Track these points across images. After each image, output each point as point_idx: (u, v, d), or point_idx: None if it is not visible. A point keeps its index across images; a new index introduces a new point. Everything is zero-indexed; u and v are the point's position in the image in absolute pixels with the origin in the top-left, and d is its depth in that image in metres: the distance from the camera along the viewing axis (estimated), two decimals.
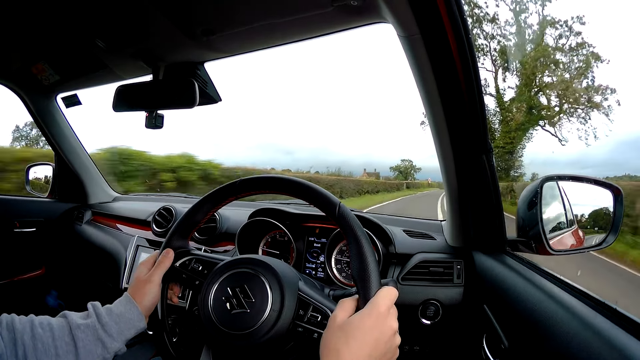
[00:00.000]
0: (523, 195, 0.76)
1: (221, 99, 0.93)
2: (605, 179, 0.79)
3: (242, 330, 0.52)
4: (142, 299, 0.60)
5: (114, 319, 0.57)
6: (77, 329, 0.54)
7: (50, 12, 0.77)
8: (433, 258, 0.88)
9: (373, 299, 0.48)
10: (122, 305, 0.59)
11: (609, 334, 0.43)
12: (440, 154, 0.74)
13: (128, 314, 0.58)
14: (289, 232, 1.00)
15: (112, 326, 0.56)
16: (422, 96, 0.65)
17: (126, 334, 0.57)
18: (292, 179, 0.61)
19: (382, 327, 0.46)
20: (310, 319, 0.54)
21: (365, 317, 0.46)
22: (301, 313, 0.54)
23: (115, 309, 0.59)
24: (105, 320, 0.56)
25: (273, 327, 0.52)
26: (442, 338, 0.87)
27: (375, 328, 0.45)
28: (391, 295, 0.49)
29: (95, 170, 1.60)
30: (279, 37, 0.75)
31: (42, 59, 1.04)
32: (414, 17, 0.53)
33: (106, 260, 1.31)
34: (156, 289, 0.62)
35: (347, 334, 0.45)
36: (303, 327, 0.53)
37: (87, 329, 0.54)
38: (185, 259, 0.64)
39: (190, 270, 0.63)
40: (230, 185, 0.64)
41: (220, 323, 0.54)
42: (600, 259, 6.04)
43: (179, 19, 0.71)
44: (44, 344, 0.51)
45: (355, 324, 0.45)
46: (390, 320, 0.47)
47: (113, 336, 0.55)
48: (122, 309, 0.59)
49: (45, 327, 0.53)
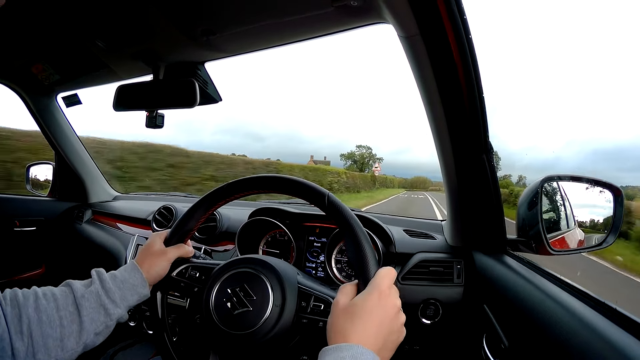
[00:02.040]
0: (523, 195, 0.76)
1: (221, 99, 0.93)
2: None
3: (246, 330, 0.52)
4: (149, 268, 0.60)
5: (117, 284, 0.57)
6: (82, 297, 0.54)
7: (50, 12, 0.77)
8: (433, 258, 0.88)
9: (373, 280, 0.48)
10: (126, 272, 0.59)
11: (609, 334, 0.43)
12: (440, 154, 0.74)
13: (131, 280, 0.58)
14: (289, 232, 1.00)
15: (115, 291, 0.56)
16: (422, 96, 0.65)
17: (129, 300, 0.57)
18: (278, 175, 0.61)
19: (385, 305, 0.46)
20: (313, 309, 0.54)
21: (367, 297, 0.46)
22: (303, 305, 0.55)
23: (119, 274, 0.59)
24: (109, 286, 0.56)
25: (277, 322, 0.52)
26: (442, 338, 0.87)
27: (378, 307, 0.46)
28: (390, 275, 0.49)
29: (96, 169, 1.60)
30: (279, 37, 0.75)
31: (43, 59, 1.04)
32: (414, 17, 0.53)
33: (106, 259, 1.31)
34: (166, 263, 0.62)
35: (351, 315, 0.45)
36: (307, 318, 0.54)
37: (91, 295, 0.54)
38: (181, 267, 0.64)
39: (188, 277, 0.63)
40: (218, 190, 0.64)
41: (224, 325, 0.53)
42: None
43: (179, 19, 0.71)
44: (48, 315, 0.51)
45: (358, 305, 0.46)
46: (392, 298, 0.47)
47: (116, 302, 0.55)
48: (126, 275, 0.59)
49: (49, 297, 0.53)
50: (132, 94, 0.91)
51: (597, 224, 0.75)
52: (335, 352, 0.42)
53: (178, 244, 0.64)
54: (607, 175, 35.60)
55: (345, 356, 0.40)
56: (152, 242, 0.64)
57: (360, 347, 0.41)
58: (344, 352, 0.41)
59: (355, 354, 0.41)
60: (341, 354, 0.41)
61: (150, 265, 0.61)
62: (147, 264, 0.61)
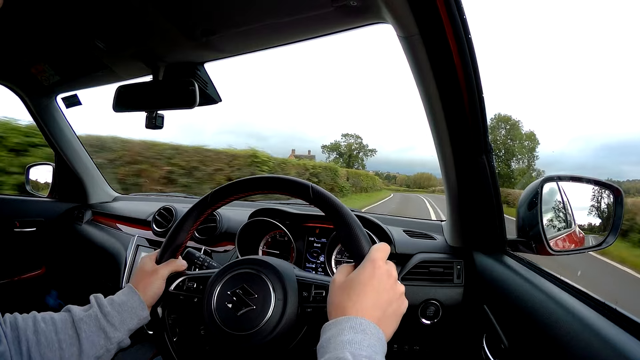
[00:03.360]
0: (523, 195, 0.76)
1: (221, 99, 0.93)
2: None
3: (253, 329, 0.52)
4: (145, 289, 0.60)
5: (115, 308, 0.57)
6: (80, 321, 0.54)
7: (50, 13, 0.77)
8: (433, 258, 0.88)
9: (367, 255, 0.49)
10: (123, 295, 0.59)
11: (609, 334, 0.43)
12: (440, 154, 0.74)
13: (130, 303, 0.58)
14: (289, 232, 1.00)
15: (114, 315, 0.56)
16: (422, 96, 0.65)
17: (129, 324, 0.57)
18: (259, 176, 0.61)
19: (381, 276, 0.47)
20: (315, 297, 0.54)
21: (362, 271, 0.47)
22: (305, 295, 0.55)
23: (117, 298, 0.59)
24: (107, 310, 0.56)
25: (282, 316, 0.53)
26: (442, 338, 0.87)
27: (373, 278, 0.46)
28: (384, 249, 0.50)
29: (96, 170, 1.60)
30: (278, 38, 0.75)
31: (42, 60, 1.04)
32: (414, 17, 0.53)
33: (106, 260, 1.31)
34: (161, 281, 0.62)
35: (348, 290, 0.46)
36: (311, 307, 0.54)
37: (90, 319, 0.54)
38: (177, 281, 0.64)
39: (186, 290, 0.62)
40: (202, 201, 0.64)
41: (230, 328, 0.53)
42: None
43: (179, 19, 0.71)
44: (47, 338, 0.51)
45: (354, 279, 0.47)
46: (388, 270, 0.48)
47: (115, 325, 0.55)
48: (123, 298, 0.59)
49: (48, 321, 0.53)
50: (132, 94, 0.91)
51: (596, 224, 0.75)
52: (334, 326, 0.42)
53: (169, 259, 0.64)
54: (611, 171, 35.54)
55: (345, 327, 0.41)
56: (143, 263, 0.64)
57: (358, 318, 0.42)
58: (343, 324, 0.42)
59: (354, 324, 0.41)
60: (340, 326, 0.42)
61: (145, 285, 0.61)
62: (142, 285, 0.61)
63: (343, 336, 0.40)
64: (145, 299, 0.60)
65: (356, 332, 0.41)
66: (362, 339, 0.40)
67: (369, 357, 0.38)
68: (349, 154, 39.36)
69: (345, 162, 38.98)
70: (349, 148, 42.08)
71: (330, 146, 41.06)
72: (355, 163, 40.04)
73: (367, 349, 0.39)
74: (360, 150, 40.90)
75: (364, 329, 0.41)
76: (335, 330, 0.41)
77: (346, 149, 41.72)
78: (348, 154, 39.43)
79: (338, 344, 0.39)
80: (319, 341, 0.42)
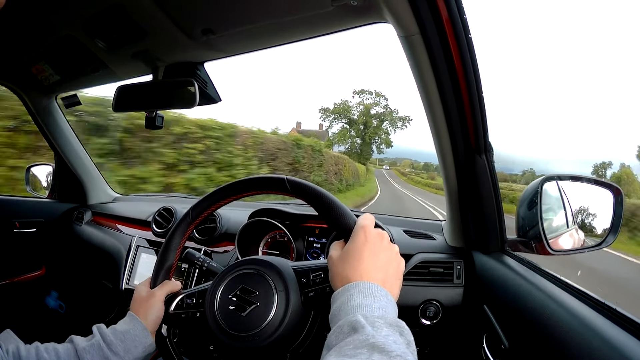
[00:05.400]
0: (523, 195, 0.76)
1: (221, 99, 0.93)
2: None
3: (261, 325, 0.52)
4: (145, 314, 0.60)
5: (118, 337, 0.56)
6: (83, 350, 0.54)
7: (50, 13, 0.77)
8: (433, 258, 0.88)
9: (355, 226, 0.50)
10: (125, 323, 0.59)
11: (609, 334, 0.43)
12: (440, 154, 0.74)
13: (132, 331, 0.58)
14: (289, 232, 1.00)
15: (117, 344, 0.56)
16: (422, 96, 0.66)
17: (134, 352, 0.57)
18: (236, 181, 0.62)
19: (374, 240, 0.48)
20: (314, 280, 0.55)
21: (355, 239, 0.48)
22: (304, 281, 0.55)
23: (119, 327, 0.58)
24: (110, 339, 0.56)
25: (287, 306, 0.53)
26: (442, 338, 0.87)
27: (367, 242, 0.48)
28: (369, 217, 0.52)
29: (95, 171, 1.60)
30: (278, 37, 0.75)
31: (42, 59, 1.04)
32: (414, 17, 0.53)
33: (106, 261, 1.31)
34: (159, 304, 0.61)
35: (347, 259, 0.47)
36: (313, 290, 0.54)
37: (92, 349, 0.54)
38: (176, 301, 0.63)
39: (186, 307, 0.62)
40: (184, 218, 0.65)
41: (239, 331, 0.53)
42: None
43: (179, 18, 0.71)
44: None
45: (350, 249, 0.48)
46: (379, 232, 0.49)
47: (119, 354, 0.55)
48: (125, 327, 0.58)
49: (51, 352, 0.53)
50: (132, 94, 0.91)
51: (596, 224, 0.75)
52: (342, 294, 0.43)
53: (163, 281, 0.64)
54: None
55: (353, 293, 0.42)
56: (139, 290, 0.64)
57: (364, 282, 0.43)
58: (351, 290, 0.42)
59: (362, 288, 0.42)
60: (348, 293, 0.42)
61: (145, 311, 0.60)
62: (142, 311, 0.60)
63: (353, 301, 0.41)
64: (147, 324, 0.59)
65: (365, 295, 0.41)
66: (371, 301, 0.41)
67: (381, 317, 0.38)
68: (364, 121, 23.09)
69: (359, 137, 23.97)
70: (367, 111, 25.39)
71: (334, 109, 23.93)
72: (373, 140, 24.16)
73: (378, 310, 0.40)
74: (386, 117, 23.70)
75: (372, 292, 0.42)
76: (344, 297, 0.42)
77: (361, 114, 25.59)
78: (363, 121, 23.07)
79: (349, 309, 0.40)
80: (330, 312, 0.43)
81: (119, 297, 1.20)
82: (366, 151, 28.73)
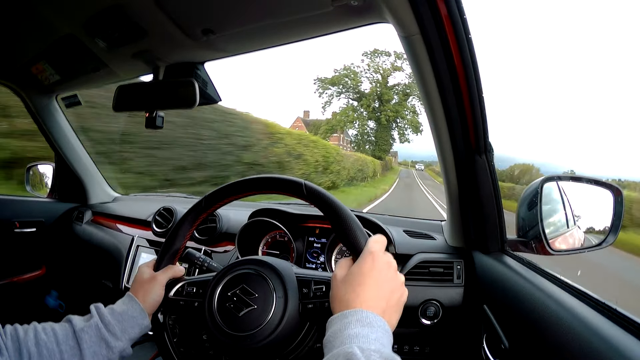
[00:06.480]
0: (523, 195, 0.77)
1: (221, 99, 0.93)
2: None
3: (256, 328, 0.52)
4: (144, 297, 0.60)
5: (116, 317, 0.57)
6: (81, 331, 0.54)
7: (51, 12, 0.77)
8: (433, 258, 0.88)
9: (365, 248, 0.50)
10: (124, 304, 0.59)
11: (609, 334, 0.43)
12: (440, 154, 0.74)
13: (130, 312, 0.58)
14: (289, 232, 1.00)
15: (115, 325, 0.56)
16: (422, 96, 0.66)
17: (130, 333, 0.57)
18: (253, 177, 0.61)
19: (381, 267, 0.48)
20: (315, 293, 0.54)
21: (362, 263, 0.48)
22: (305, 291, 0.55)
23: (117, 307, 0.59)
24: (108, 320, 0.56)
25: (284, 313, 0.53)
26: (442, 338, 0.87)
27: (373, 270, 0.47)
28: (381, 240, 0.51)
29: (96, 170, 1.60)
30: (278, 37, 0.75)
31: (43, 59, 1.04)
32: (414, 17, 0.53)
33: (106, 260, 1.31)
34: (160, 288, 0.62)
35: (351, 283, 0.46)
36: (312, 302, 0.54)
37: (90, 329, 0.54)
38: (177, 286, 0.63)
39: (186, 294, 0.62)
40: (197, 205, 0.64)
41: (233, 330, 0.53)
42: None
43: (179, 18, 0.71)
44: (48, 349, 0.51)
45: (355, 272, 0.47)
46: (387, 260, 0.49)
47: (116, 335, 0.55)
48: (124, 307, 0.58)
49: (49, 332, 0.53)
50: (132, 94, 0.91)
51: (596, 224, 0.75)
52: (340, 319, 0.42)
53: (167, 266, 0.64)
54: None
55: (351, 321, 0.41)
56: (141, 272, 0.64)
57: (364, 311, 0.42)
58: (349, 317, 0.42)
59: (360, 317, 0.41)
60: (346, 319, 0.42)
61: (144, 293, 0.61)
62: (141, 293, 0.61)
63: (349, 330, 0.40)
64: (146, 306, 0.60)
65: (362, 325, 0.41)
66: (368, 332, 0.40)
67: (377, 350, 0.37)
68: (379, 93, 15.46)
69: (373, 117, 15.92)
70: (383, 79, 16.94)
71: (334, 77, 16.71)
72: (394, 122, 16.20)
73: (375, 343, 0.39)
74: (412, 89, 16.14)
75: (370, 321, 0.41)
76: (341, 324, 0.41)
77: (375, 84, 17.30)
78: (377, 95, 15.57)
79: (345, 338, 0.39)
80: (325, 335, 0.42)
81: (119, 296, 1.20)
82: (383, 139, 21.38)
